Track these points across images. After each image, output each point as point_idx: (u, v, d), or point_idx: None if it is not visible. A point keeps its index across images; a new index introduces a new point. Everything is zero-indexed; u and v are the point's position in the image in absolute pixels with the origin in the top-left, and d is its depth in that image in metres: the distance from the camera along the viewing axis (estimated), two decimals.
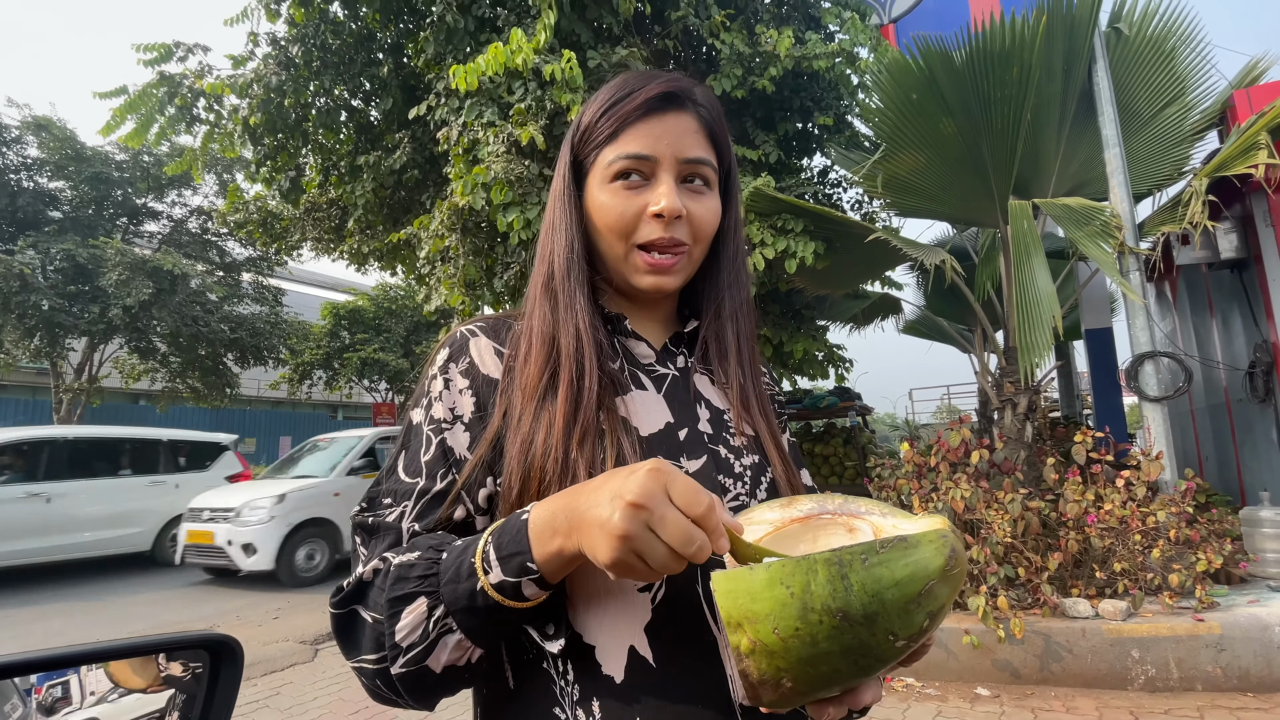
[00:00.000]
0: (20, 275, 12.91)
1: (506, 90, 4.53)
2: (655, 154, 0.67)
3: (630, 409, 0.66)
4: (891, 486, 4.21)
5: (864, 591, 0.42)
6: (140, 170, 15.46)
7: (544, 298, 0.70)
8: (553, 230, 0.73)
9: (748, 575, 0.44)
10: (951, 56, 4.16)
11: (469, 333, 0.71)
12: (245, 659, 0.72)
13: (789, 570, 0.43)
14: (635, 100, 0.67)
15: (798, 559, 0.44)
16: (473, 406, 0.66)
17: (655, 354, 0.73)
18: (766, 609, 0.43)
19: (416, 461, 0.64)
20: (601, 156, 0.68)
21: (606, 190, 0.68)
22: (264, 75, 5.80)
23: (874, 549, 0.43)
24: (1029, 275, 3.94)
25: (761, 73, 5.19)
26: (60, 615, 6.03)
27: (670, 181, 0.67)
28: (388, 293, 20.56)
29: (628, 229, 0.67)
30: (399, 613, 0.54)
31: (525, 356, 0.68)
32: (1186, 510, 3.54)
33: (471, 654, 0.55)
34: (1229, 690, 3.09)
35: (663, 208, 0.65)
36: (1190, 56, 4.81)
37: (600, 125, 0.69)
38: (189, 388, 16.90)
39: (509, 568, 0.51)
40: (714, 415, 0.71)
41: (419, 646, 0.53)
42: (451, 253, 5.17)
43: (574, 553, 0.50)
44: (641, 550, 0.46)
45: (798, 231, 4.76)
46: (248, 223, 7.86)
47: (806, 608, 0.42)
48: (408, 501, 0.62)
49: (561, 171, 0.73)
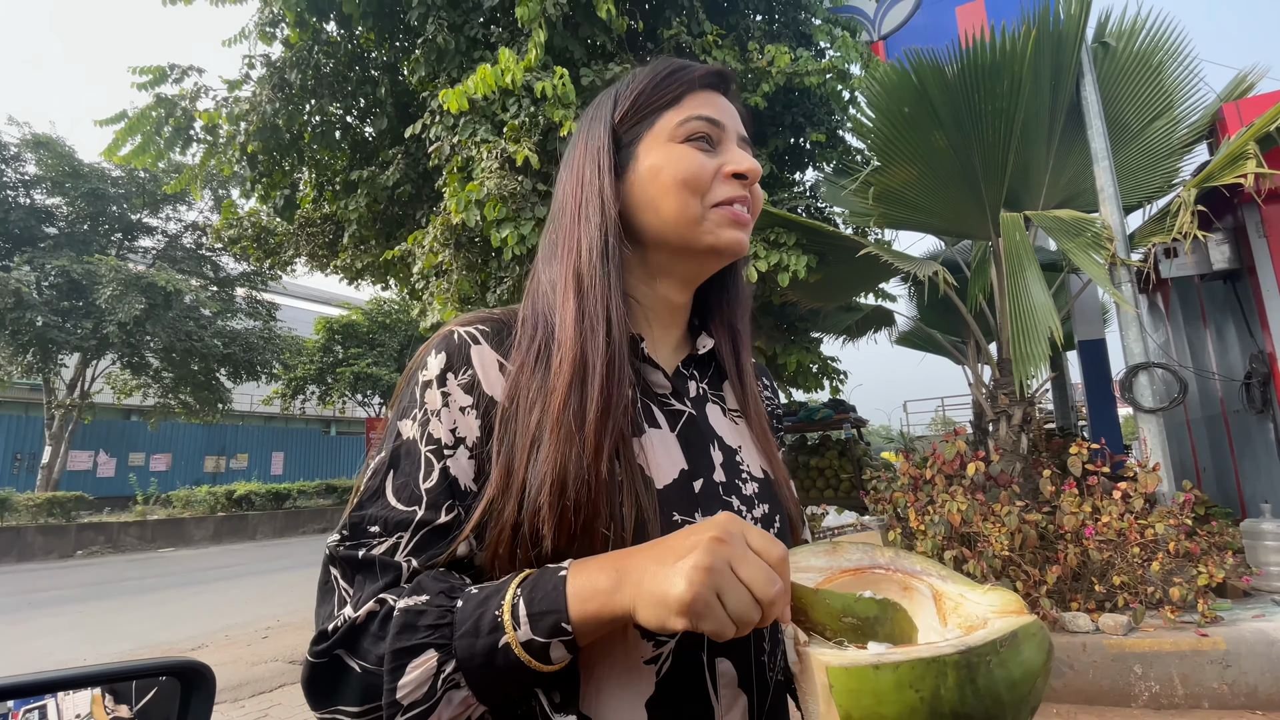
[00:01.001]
0: (15, 292, 12.87)
1: (500, 107, 4.54)
2: (724, 121, 0.66)
3: (646, 455, 0.59)
4: (887, 499, 4.18)
5: (987, 694, 0.42)
6: (136, 186, 15.50)
7: (572, 294, 0.61)
8: (582, 211, 0.64)
9: (874, 676, 0.42)
10: (942, 70, 4.20)
11: (469, 338, 0.60)
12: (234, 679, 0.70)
13: (919, 674, 0.42)
14: (696, 71, 0.67)
15: (927, 660, 0.42)
16: (477, 430, 0.57)
17: (670, 384, 0.67)
18: (894, 712, 0.42)
19: (412, 487, 0.55)
20: (663, 120, 0.65)
21: (678, 149, 0.64)
22: (259, 102, 5.82)
23: (995, 649, 0.42)
24: (1023, 287, 3.95)
25: (754, 89, 5.23)
26: (51, 634, 5.94)
27: (741, 149, 0.66)
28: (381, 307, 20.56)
29: (703, 186, 0.64)
30: (403, 666, 0.47)
31: (543, 364, 0.59)
32: (1185, 522, 3.51)
33: (473, 712, 0.50)
34: (1236, 707, 3.04)
35: (746, 168, 0.64)
36: (1177, 70, 4.87)
37: (659, 91, 0.66)
38: (181, 403, 16.82)
39: (540, 627, 0.47)
40: (726, 457, 0.66)
41: (422, 705, 0.48)
42: (445, 267, 5.16)
43: (614, 615, 0.47)
44: (722, 588, 0.44)
45: (790, 245, 4.78)
46: (242, 238, 7.86)
47: (935, 713, 0.41)
48: (402, 534, 0.54)
49: (595, 150, 0.66)
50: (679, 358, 0.70)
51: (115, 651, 5.25)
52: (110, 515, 14.08)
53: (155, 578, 9.42)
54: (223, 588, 8.52)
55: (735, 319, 0.73)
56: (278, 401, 19.33)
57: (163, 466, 19.12)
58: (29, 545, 11.97)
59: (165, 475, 18.63)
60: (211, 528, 14.56)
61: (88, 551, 12.53)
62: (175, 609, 7.12)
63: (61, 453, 14.93)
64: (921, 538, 3.73)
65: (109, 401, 17.55)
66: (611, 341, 0.59)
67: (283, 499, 16.37)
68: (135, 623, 6.36)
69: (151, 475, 18.31)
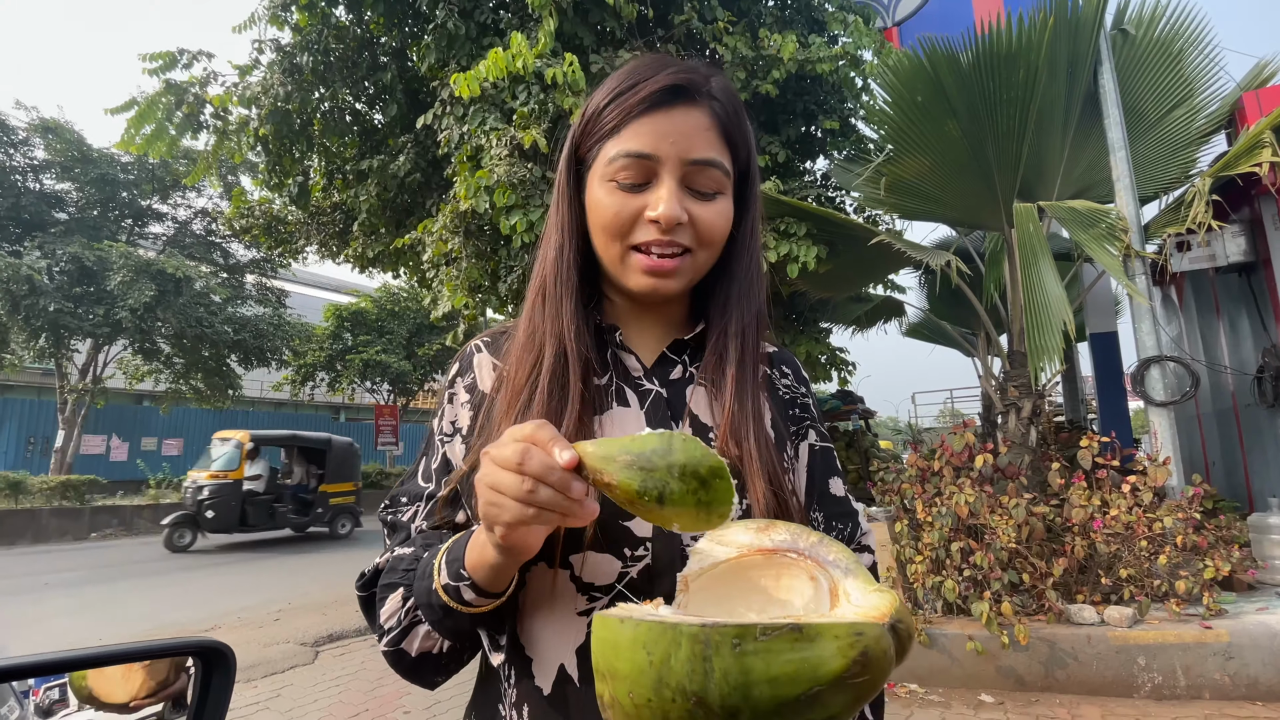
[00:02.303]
0: (28, 278, 12.98)
1: (510, 94, 4.52)
2: (658, 153, 0.62)
3: (605, 429, 0.65)
4: (895, 491, 4.18)
5: (726, 681, 0.37)
6: (145, 172, 15.55)
7: (536, 307, 0.69)
8: (549, 233, 0.71)
9: (618, 627, 0.41)
10: (957, 58, 4.14)
11: (475, 348, 0.74)
12: (246, 660, 0.73)
13: (654, 635, 0.39)
14: (641, 92, 0.62)
15: (667, 624, 0.39)
16: (469, 420, 0.69)
17: (644, 369, 0.70)
18: (626, 669, 0.40)
19: (429, 468, 0.70)
20: (603, 151, 0.64)
21: (604, 188, 0.64)
22: (270, 85, 5.82)
23: (753, 633, 0.37)
24: (1037, 278, 3.91)
25: (765, 76, 5.18)
26: (67, 614, 6.05)
27: (672, 185, 0.62)
28: (391, 294, 20.61)
29: (623, 230, 0.63)
30: (385, 599, 0.62)
31: (513, 369, 0.67)
32: (1194, 516, 3.50)
33: (441, 644, 0.61)
34: (1237, 699, 3.06)
35: (660, 214, 0.61)
36: (1198, 58, 4.78)
37: (604, 117, 0.64)
38: (192, 389, 16.97)
39: (450, 572, 0.56)
40: (696, 434, 0.66)
41: (395, 630, 0.61)
42: (455, 255, 5.16)
43: (494, 559, 0.52)
44: (493, 482, 0.48)
45: (801, 235, 4.75)
46: (253, 227, 7.88)
47: (662, 681, 0.38)
48: (419, 504, 0.68)
49: (561, 168, 0.69)
50: (669, 339, 0.73)
51: (131, 632, 5.34)
52: (123, 499, 14.26)
53: (167, 560, 9.56)
54: (234, 570, 8.65)
55: (730, 317, 0.71)
56: (288, 388, 19.46)
57: (175, 451, 19.33)
58: (44, 527, 12.16)
59: (177, 460, 18.83)
60: None
61: (102, 534, 12.72)
62: (187, 591, 7.23)
63: (75, 437, 15.10)
64: (928, 529, 3.73)
65: (121, 386, 17.72)
66: (560, 350, 0.65)
67: None
68: (149, 604, 6.47)
69: (164, 460, 18.52)
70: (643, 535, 0.61)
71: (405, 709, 3.57)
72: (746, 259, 0.72)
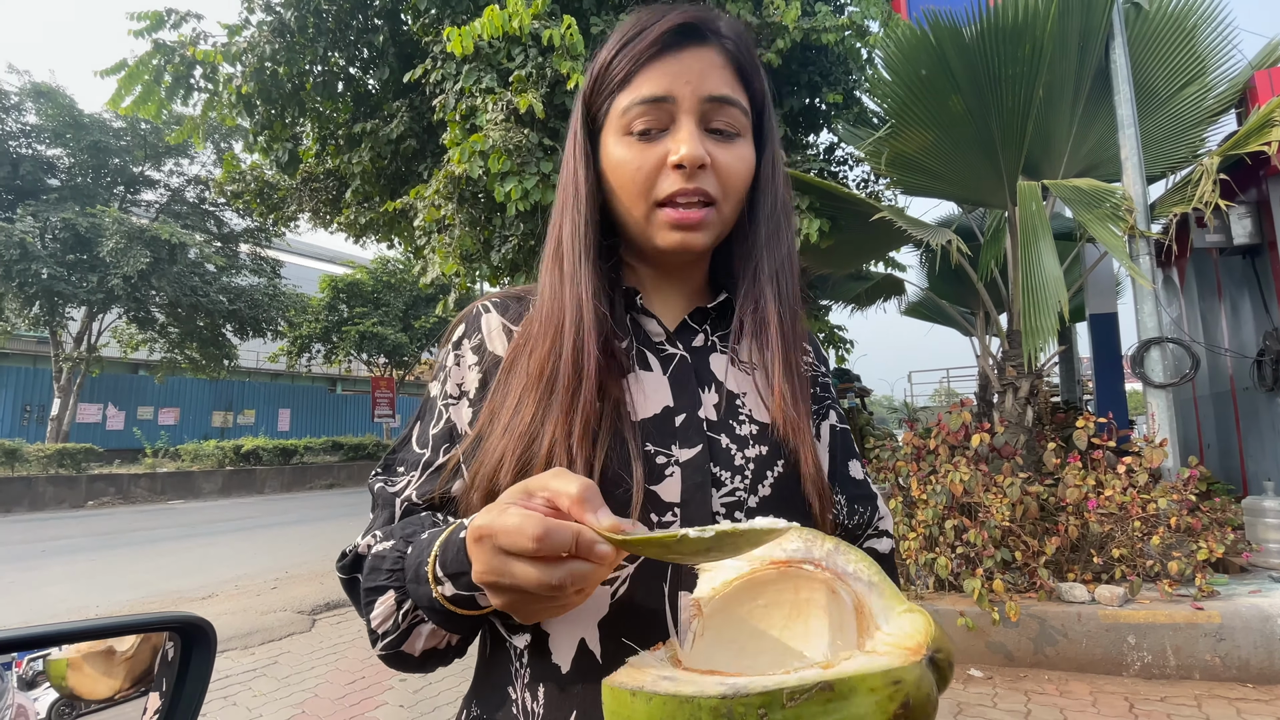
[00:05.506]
0: (20, 243, 12.84)
1: (506, 56, 4.41)
2: (673, 93, 0.59)
3: (632, 391, 0.62)
4: (890, 468, 4.19)
5: None
6: (137, 138, 15.31)
7: (552, 273, 0.65)
8: (563, 198, 0.67)
9: (630, 701, 0.38)
10: (961, 32, 4.04)
11: (483, 308, 0.69)
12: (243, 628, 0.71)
13: (670, 711, 0.36)
14: (649, 36, 0.60)
15: (682, 697, 0.35)
16: (478, 383, 0.65)
17: (666, 333, 0.67)
18: None
19: (426, 433, 0.66)
20: (615, 105, 0.62)
21: (621, 143, 0.61)
22: (257, 43, 5.67)
23: (779, 700, 0.33)
24: (1036, 258, 3.87)
25: (769, 45, 5.07)
26: (64, 581, 6.08)
27: (691, 126, 0.60)
28: (386, 266, 20.49)
29: (646, 185, 0.61)
30: (373, 602, 0.56)
31: (532, 338, 0.63)
32: (1189, 498, 3.51)
33: (448, 639, 0.58)
34: (1228, 680, 3.08)
35: (683, 156, 0.58)
36: (1211, 35, 4.67)
37: (613, 69, 0.62)
38: (187, 358, 16.93)
39: (459, 584, 0.50)
40: (725, 399, 0.64)
41: (393, 635, 0.56)
42: (448, 222, 5.08)
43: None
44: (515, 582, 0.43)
45: (803, 208, 4.69)
46: (245, 192, 7.77)
47: None
48: (414, 472, 0.64)
49: (574, 129, 0.66)
50: (690, 308, 0.70)
51: (126, 600, 5.38)
52: (120, 467, 14.30)
53: (165, 528, 9.61)
54: (232, 539, 8.69)
55: (760, 261, 0.67)
56: (284, 359, 19.42)
57: (171, 421, 19.34)
58: (40, 495, 12.20)
59: (174, 429, 18.87)
60: (220, 481, 14.79)
61: (98, 502, 12.77)
62: (185, 559, 7.27)
63: (70, 405, 15.09)
64: (923, 506, 3.74)
65: (116, 355, 17.66)
66: (578, 316, 0.61)
67: (290, 454, 16.58)
68: (146, 572, 6.50)
69: (161, 429, 18.54)
70: (670, 500, 0.59)
71: (401, 676, 3.61)
72: (771, 200, 0.68)
